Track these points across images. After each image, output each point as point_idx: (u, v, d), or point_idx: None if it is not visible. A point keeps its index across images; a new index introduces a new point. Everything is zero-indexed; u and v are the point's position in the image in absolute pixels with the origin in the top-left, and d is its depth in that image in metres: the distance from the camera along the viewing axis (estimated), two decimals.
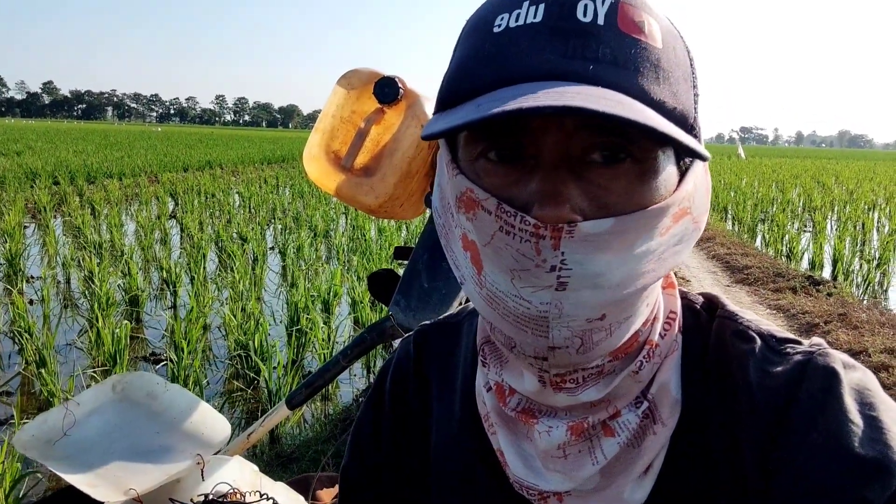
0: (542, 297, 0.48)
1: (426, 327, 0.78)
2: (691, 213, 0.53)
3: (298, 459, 3.33)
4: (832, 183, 23.51)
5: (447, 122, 0.47)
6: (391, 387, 0.76)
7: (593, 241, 0.47)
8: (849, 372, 0.53)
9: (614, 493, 0.56)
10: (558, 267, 0.47)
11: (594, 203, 0.48)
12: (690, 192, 0.52)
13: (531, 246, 0.47)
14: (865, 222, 12.19)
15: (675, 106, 0.49)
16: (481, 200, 0.50)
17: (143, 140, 42.85)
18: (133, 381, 1.55)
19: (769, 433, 0.53)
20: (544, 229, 0.47)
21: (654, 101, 0.47)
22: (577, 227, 0.46)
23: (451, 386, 0.71)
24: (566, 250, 0.47)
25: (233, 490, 1.34)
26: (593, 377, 0.54)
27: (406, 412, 0.75)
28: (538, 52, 0.47)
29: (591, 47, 0.47)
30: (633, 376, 0.55)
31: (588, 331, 0.50)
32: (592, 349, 0.51)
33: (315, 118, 1.98)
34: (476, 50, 0.51)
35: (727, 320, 0.60)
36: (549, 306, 0.48)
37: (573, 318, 0.49)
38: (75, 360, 4.77)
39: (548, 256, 0.47)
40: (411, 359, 0.76)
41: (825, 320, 5.73)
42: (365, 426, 0.78)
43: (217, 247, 8.69)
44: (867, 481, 0.47)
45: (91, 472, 1.32)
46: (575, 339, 0.50)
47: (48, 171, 16.78)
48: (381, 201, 1.83)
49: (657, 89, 0.47)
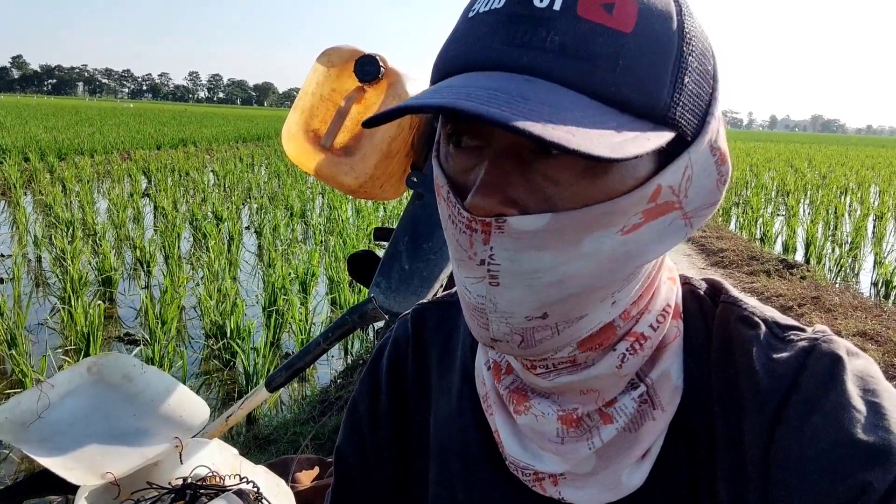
0: (479, 290, 0.49)
1: (424, 306, 0.77)
2: (681, 209, 0.50)
3: (276, 441, 3.32)
4: (805, 167, 23.84)
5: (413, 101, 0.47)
6: (388, 366, 0.75)
7: (525, 238, 0.46)
8: (852, 359, 0.53)
9: (611, 476, 0.56)
10: (487, 262, 0.47)
11: (536, 196, 0.47)
12: (676, 183, 0.48)
13: (466, 237, 0.48)
14: (838, 207, 12.38)
15: (635, 96, 0.45)
16: (440, 186, 0.51)
17: (114, 116, 42.14)
18: (109, 362, 1.52)
19: (771, 419, 0.52)
20: (475, 223, 0.47)
21: (602, 93, 0.44)
22: (507, 222, 0.46)
23: (450, 366, 0.71)
24: (495, 245, 0.46)
25: (212, 473, 1.32)
26: (566, 367, 0.54)
27: (404, 391, 0.73)
28: (489, 41, 0.46)
29: (540, 35, 0.44)
30: (617, 371, 0.54)
31: (529, 328, 0.49)
32: (535, 346, 0.50)
33: (291, 96, 1.95)
34: (454, 32, 0.50)
35: (731, 306, 0.59)
36: (485, 300, 0.49)
37: (510, 315, 0.49)
38: (47, 340, 4.70)
39: (478, 250, 0.47)
40: (409, 337, 0.74)
41: (799, 303, 5.82)
42: (361, 405, 0.76)
43: (192, 226, 8.60)
44: (869, 465, 0.47)
45: (67, 455, 1.29)
46: (515, 336, 0.50)
47: (18, 148, 16.43)
48: (360, 181, 1.81)
49: (611, 78, 0.44)
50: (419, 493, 0.71)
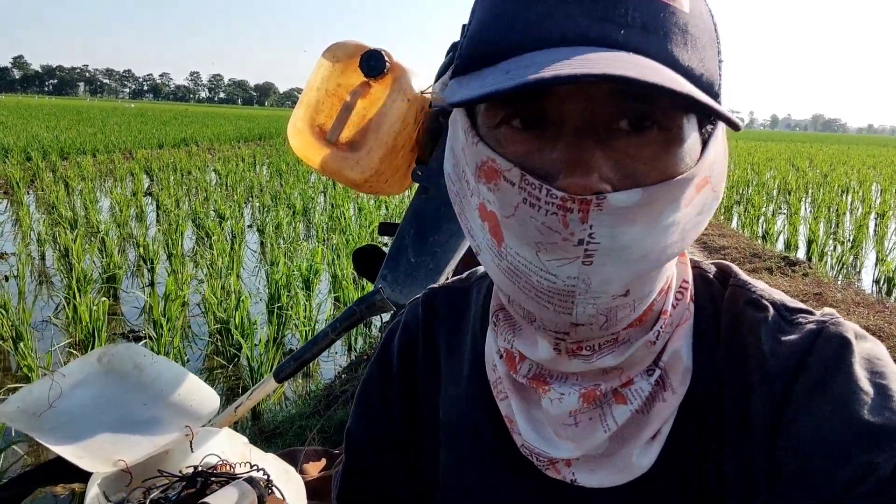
0: (569, 272, 0.47)
1: (434, 290, 0.77)
2: (711, 183, 0.52)
3: (282, 434, 3.34)
4: (806, 166, 23.79)
5: (477, 88, 0.45)
6: (399, 349, 0.75)
7: (622, 213, 0.46)
8: (860, 342, 0.53)
9: (622, 457, 0.56)
10: (586, 241, 0.46)
11: (620, 172, 0.47)
12: (712, 160, 0.51)
13: (558, 219, 0.46)
14: (839, 205, 12.37)
15: (703, 73, 0.48)
16: (503, 171, 0.48)
17: (116, 116, 42.14)
18: (119, 352, 1.54)
19: (779, 400, 0.53)
20: (572, 202, 0.45)
21: (682, 67, 0.46)
22: (606, 199, 0.45)
23: (459, 350, 0.71)
24: (594, 223, 0.45)
25: (222, 461, 1.34)
26: (609, 345, 0.54)
27: (414, 374, 0.74)
28: (566, 15, 0.45)
29: (621, 11, 0.45)
30: (649, 346, 0.55)
31: (613, 308, 0.50)
32: (616, 325, 0.51)
33: (292, 97, 1.96)
34: (499, 9, 0.48)
35: (740, 289, 0.60)
36: (577, 280, 0.47)
37: (599, 295, 0.48)
38: (52, 336, 4.72)
39: (575, 230, 0.46)
40: (420, 321, 0.74)
41: (801, 300, 5.80)
42: (372, 388, 0.77)
43: (194, 224, 8.61)
44: (875, 446, 0.47)
45: (79, 443, 1.31)
46: (600, 317, 0.50)
47: (20, 147, 16.43)
48: (366, 176, 1.82)
49: (685, 55, 0.46)
50: (430, 475, 0.71)
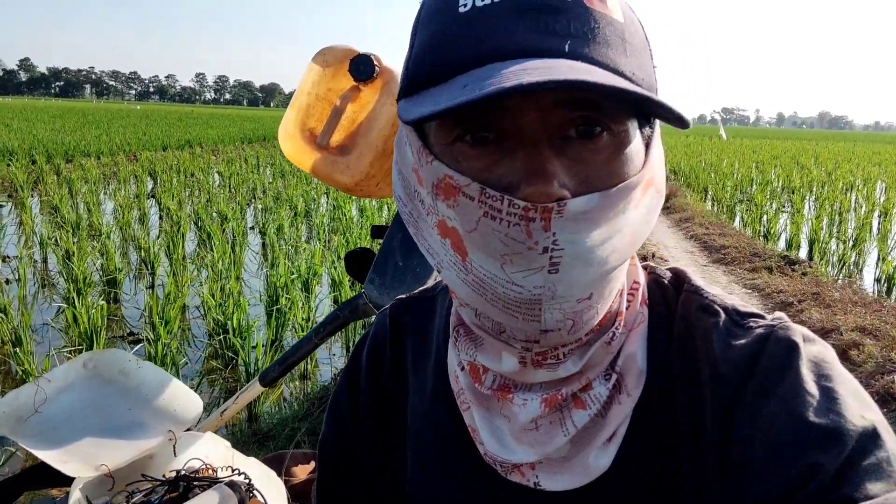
0: (535, 281, 0.48)
1: (402, 301, 0.78)
2: (655, 184, 0.54)
3: (275, 437, 3.35)
4: (811, 164, 23.72)
5: (431, 105, 0.46)
6: (367, 359, 0.76)
7: (582, 218, 0.47)
8: (808, 345, 0.54)
9: (581, 459, 0.57)
10: (550, 248, 0.47)
11: (576, 178, 0.48)
12: (656, 161, 0.53)
13: (521, 229, 0.47)
14: (843, 203, 12.33)
15: (643, 77, 0.50)
16: (462, 186, 0.49)
17: (121, 118, 42.24)
18: (105, 358, 1.55)
19: (730, 402, 0.54)
20: (534, 211, 0.46)
21: (624, 73, 0.48)
22: (566, 205, 0.46)
23: (425, 359, 0.72)
24: (557, 230, 0.47)
25: (205, 465, 1.35)
26: (572, 351, 0.55)
27: (382, 384, 0.75)
28: (511, 30, 0.47)
29: (563, 23, 0.47)
30: (606, 347, 0.56)
31: (578, 311, 0.51)
32: (582, 328, 0.52)
33: None
34: (442, 31, 0.49)
35: (693, 294, 0.61)
36: (543, 289, 0.48)
37: (565, 300, 0.49)
38: (51, 340, 4.74)
39: (539, 238, 0.47)
40: (387, 332, 0.76)
41: (799, 299, 5.81)
42: (342, 399, 0.78)
43: (196, 226, 8.63)
44: (821, 448, 0.48)
45: (62, 448, 1.32)
46: (567, 322, 0.51)
47: (25, 150, 16.53)
48: (357, 180, 1.83)
49: (625, 61, 0.48)
50: (400, 479, 0.72)
